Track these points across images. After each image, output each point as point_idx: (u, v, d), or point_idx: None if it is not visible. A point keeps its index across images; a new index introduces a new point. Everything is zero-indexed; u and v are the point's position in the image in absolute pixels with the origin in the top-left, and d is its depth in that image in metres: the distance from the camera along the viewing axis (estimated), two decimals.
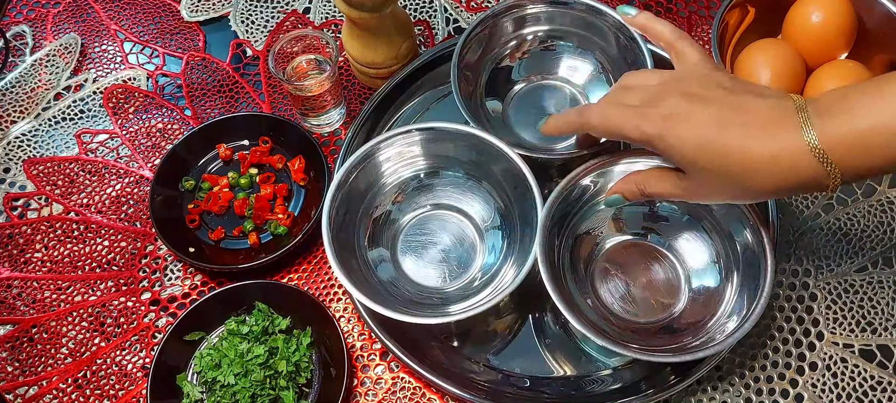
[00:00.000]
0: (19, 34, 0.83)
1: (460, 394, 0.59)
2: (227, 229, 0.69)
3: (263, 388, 0.58)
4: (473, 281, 0.62)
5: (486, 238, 0.64)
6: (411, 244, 0.65)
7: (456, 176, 0.65)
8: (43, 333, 0.65)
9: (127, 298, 0.67)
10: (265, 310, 0.62)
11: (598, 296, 0.61)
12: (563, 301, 0.53)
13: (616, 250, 0.63)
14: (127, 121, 0.76)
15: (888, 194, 0.68)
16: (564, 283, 0.59)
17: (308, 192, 0.70)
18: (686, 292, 0.61)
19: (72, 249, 0.69)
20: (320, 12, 0.82)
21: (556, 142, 0.65)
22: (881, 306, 0.63)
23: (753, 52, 0.68)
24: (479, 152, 0.62)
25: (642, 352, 0.54)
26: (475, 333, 0.63)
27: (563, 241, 0.61)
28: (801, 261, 0.65)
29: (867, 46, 0.68)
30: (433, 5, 0.82)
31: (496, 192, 0.64)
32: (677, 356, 0.54)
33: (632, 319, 0.60)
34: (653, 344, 0.57)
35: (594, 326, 0.55)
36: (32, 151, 0.75)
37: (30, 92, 0.79)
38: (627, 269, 0.62)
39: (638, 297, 0.61)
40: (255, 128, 0.72)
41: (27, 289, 0.67)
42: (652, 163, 0.57)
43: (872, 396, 0.60)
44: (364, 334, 0.64)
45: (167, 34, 0.82)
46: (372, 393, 0.61)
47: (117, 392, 0.63)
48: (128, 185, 0.73)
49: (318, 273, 0.67)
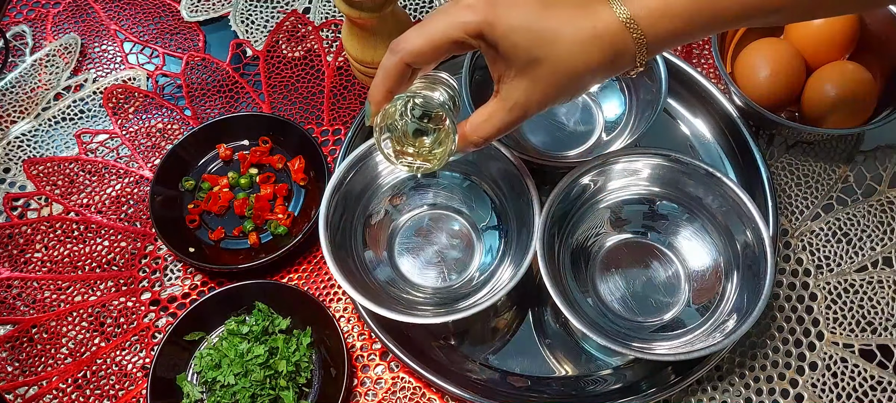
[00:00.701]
0: (19, 34, 0.83)
1: (460, 394, 0.59)
2: (227, 229, 0.69)
3: (263, 388, 0.58)
4: (471, 281, 0.62)
5: (483, 238, 0.64)
6: (409, 245, 0.65)
7: (453, 176, 0.65)
8: (43, 333, 0.65)
9: (127, 298, 0.67)
10: (265, 310, 0.62)
11: (598, 295, 0.61)
12: (563, 299, 0.53)
13: (616, 249, 0.63)
14: (127, 121, 0.76)
15: (888, 194, 0.68)
16: (564, 282, 0.59)
17: (308, 192, 0.70)
18: (686, 291, 0.61)
19: (72, 249, 0.69)
20: (320, 12, 0.82)
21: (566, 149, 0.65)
22: (881, 306, 0.63)
23: (754, 51, 0.68)
24: (476, 152, 0.62)
25: (642, 351, 0.54)
26: (475, 333, 0.64)
27: (562, 240, 0.61)
28: (800, 261, 0.65)
29: (868, 48, 0.68)
30: (433, 5, 0.82)
31: (492, 192, 0.64)
32: (677, 355, 0.54)
33: (632, 318, 0.60)
34: (653, 343, 0.57)
35: (595, 325, 0.55)
36: (32, 151, 0.75)
37: (30, 92, 0.79)
38: (627, 268, 0.62)
39: (638, 296, 0.61)
40: (255, 128, 0.72)
41: (27, 289, 0.67)
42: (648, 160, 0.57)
43: (872, 396, 0.60)
44: (364, 334, 0.64)
45: (167, 34, 0.82)
46: (372, 393, 0.61)
47: (117, 392, 0.63)
48: (128, 185, 0.73)
49: (317, 273, 0.67)
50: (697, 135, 0.71)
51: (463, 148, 0.50)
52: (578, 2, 0.45)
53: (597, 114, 0.70)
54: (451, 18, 0.45)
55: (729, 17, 0.44)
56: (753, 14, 0.44)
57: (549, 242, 0.57)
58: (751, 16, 0.44)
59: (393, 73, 0.47)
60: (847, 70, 0.66)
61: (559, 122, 0.70)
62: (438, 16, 0.46)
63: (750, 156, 0.67)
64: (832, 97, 0.65)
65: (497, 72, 0.47)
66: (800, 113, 0.69)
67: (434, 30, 0.45)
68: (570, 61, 0.45)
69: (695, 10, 0.44)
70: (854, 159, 0.70)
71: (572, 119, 0.70)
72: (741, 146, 0.68)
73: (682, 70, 0.71)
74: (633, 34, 0.44)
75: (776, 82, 0.66)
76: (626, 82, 0.68)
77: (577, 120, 0.70)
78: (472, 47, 0.46)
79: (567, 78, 0.45)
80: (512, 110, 0.47)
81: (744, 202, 0.57)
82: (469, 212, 0.65)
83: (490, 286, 0.59)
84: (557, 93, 0.47)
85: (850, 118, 0.66)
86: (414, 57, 0.46)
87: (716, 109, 0.70)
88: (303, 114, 0.76)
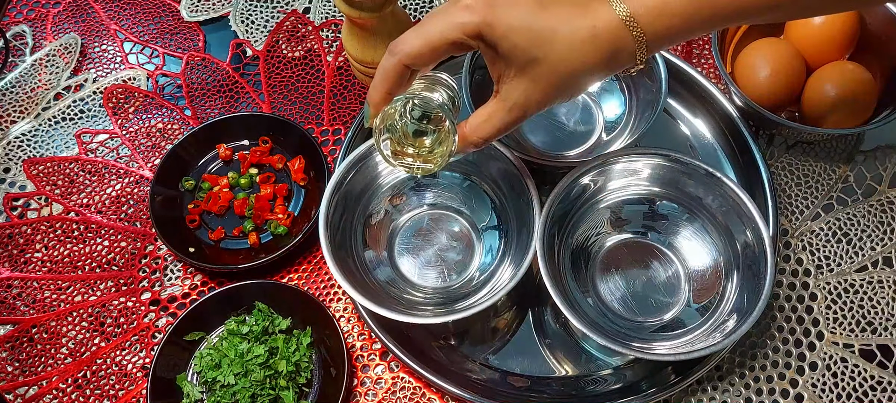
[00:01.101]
0: (19, 34, 0.83)
1: (460, 394, 0.59)
2: (227, 229, 0.69)
3: (263, 388, 0.58)
4: (471, 281, 0.62)
5: (483, 238, 0.64)
6: (409, 245, 0.65)
7: (453, 176, 0.65)
8: (43, 333, 0.65)
9: (127, 298, 0.67)
10: (265, 310, 0.62)
11: (598, 295, 0.61)
12: (563, 299, 0.53)
13: (616, 249, 0.63)
14: (127, 121, 0.76)
15: (888, 194, 0.68)
16: (564, 282, 0.59)
17: (308, 192, 0.70)
18: (686, 291, 0.61)
19: (72, 249, 0.69)
20: (320, 12, 0.82)
21: (566, 149, 0.65)
22: (881, 306, 0.63)
23: (754, 51, 0.68)
24: (476, 152, 0.62)
25: (642, 351, 0.54)
26: (475, 333, 0.64)
27: (563, 240, 0.61)
28: (801, 261, 0.65)
29: (868, 48, 0.68)
30: (433, 5, 0.82)
31: (492, 192, 0.64)
32: (677, 355, 0.54)
33: (632, 318, 0.60)
34: (653, 343, 0.57)
35: (595, 325, 0.55)
36: (32, 151, 0.75)
37: (30, 92, 0.79)
38: (627, 268, 0.62)
39: (638, 296, 0.61)
40: (255, 128, 0.72)
41: (27, 289, 0.67)
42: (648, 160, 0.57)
43: (872, 396, 0.60)
44: (364, 334, 0.64)
45: (167, 34, 0.82)
46: (372, 393, 0.61)
47: (117, 392, 0.63)
48: (128, 185, 0.73)
49: (317, 273, 0.67)
50: (697, 135, 0.71)
51: (463, 148, 0.50)
52: (577, 0, 0.45)
53: (597, 114, 0.70)
54: (449, 19, 0.45)
55: (728, 14, 0.44)
56: (751, 11, 0.44)
57: (549, 242, 0.57)
58: (749, 13, 0.44)
59: (391, 75, 0.47)
60: (847, 70, 0.66)
61: (559, 122, 0.70)
62: (436, 17, 0.45)
63: (750, 156, 0.67)
64: (832, 97, 0.65)
65: (496, 73, 0.47)
66: (800, 113, 0.69)
67: (432, 31, 0.45)
68: (570, 60, 0.45)
69: (693, 7, 0.44)
70: (854, 159, 0.70)
71: (572, 119, 0.70)
72: (741, 146, 0.68)
73: (681, 70, 0.71)
74: (632, 31, 0.44)
75: (776, 82, 0.66)
76: (626, 82, 0.68)
77: (577, 120, 0.70)
78: (470, 48, 0.46)
79: (567, 77, 0.45)
80: (511, 110, 0.47)
81: (744, 202, 0.57)
82: (469, 213, 0.65)
83: (490, 286, 0.59)
84: (557, 92, 0.46)
85: (850, 118, 0.66)
86: (412, 58, 0.46)
87: (716, 109, 0.70)
88: (303, 114, 0.76)
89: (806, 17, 0.66)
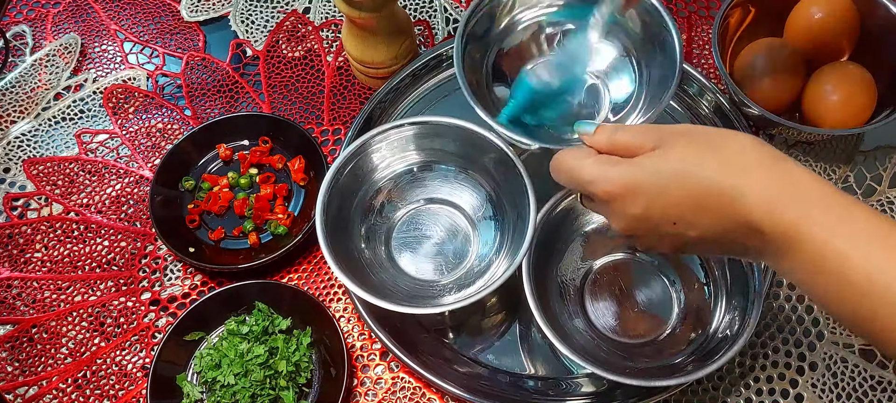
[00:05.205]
0: (19, 34, 0.83)
1: (460, 394, 0.59)
2: (227, 229, 0.69)
3: (263, 388, 0.58)
4: (469, 273, 0.62)
5: (480, 229, 0.64)
6: (406, 239, 0.65)
7: (448, 169, 0.65)
8: (43, 333, 0.65)
9: (127, 298, 0.67)
10: (265, 310, 0.62)
11: (587, 316, 0.61)
12: (548, 325, 0.53)
13: (606, 268, 0.63)
14: (127, 121, 0.76)
15: (888, 194, 0.68)
16: (551, 304, 0.59)
17: (308, 192, 0.70)
18: (677, 308, 0.61)
19: (72, 249, 0.69)
20: (320, 12, 0.82)
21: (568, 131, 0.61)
22: None
23: (754, 51, 0.69)
24: (470, 144, 0.62)
25: (634, 376, 0.53)
26: (475, 331, 0.64)
27: (552, 261, 0.61)
28: None
29: (869, 48, 0.68)
30: (433, 5, 0.82)
31: (487, 183, 0.64)
32: (667, 378, 0.53)
33: (622, 339, 0.60)
34: (645, 362, 0.57)
35: (583, 350, 0.55)
36: (32, 151, 0.75)
37: (30, 92, 0.79)
38: (618, 287, 0.62)
39: (629, 315, 0.61)
40: (255, 128, 0.72)
41: (27, 289, 0.67)
42: None
43: (872, 396, 0.60)
44: (364, 334, 0.64)
45: (167, 34, 0.82)
46: (372, 393, 0.61)
47: (117, 392, 0.63)
48: (128, 185, 0.73)
49: (317, 273, 0.67)
50: None
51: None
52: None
53: (603, 93, 0.65)
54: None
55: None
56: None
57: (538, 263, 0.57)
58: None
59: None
60: (847, 70, 0.66)
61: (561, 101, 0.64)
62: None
63: None
64: (832, 97, 0.65)
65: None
66: (800, 113, 0.69)
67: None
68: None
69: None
70: (854, 159, 0.70)
71: (576, 100, 0.65)
72: None
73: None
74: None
75: (776, 82, 0.66)
76: (636, 59, 0.63)
77: (581, 101, 0.65)
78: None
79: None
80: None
81: None
82: (465, 205, 0.65)
83: (487, 277, 0.59)
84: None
85: (850, 118, 0.66)
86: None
87: (716, 109, 0.70)
88: (303, 114, 0.76)
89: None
